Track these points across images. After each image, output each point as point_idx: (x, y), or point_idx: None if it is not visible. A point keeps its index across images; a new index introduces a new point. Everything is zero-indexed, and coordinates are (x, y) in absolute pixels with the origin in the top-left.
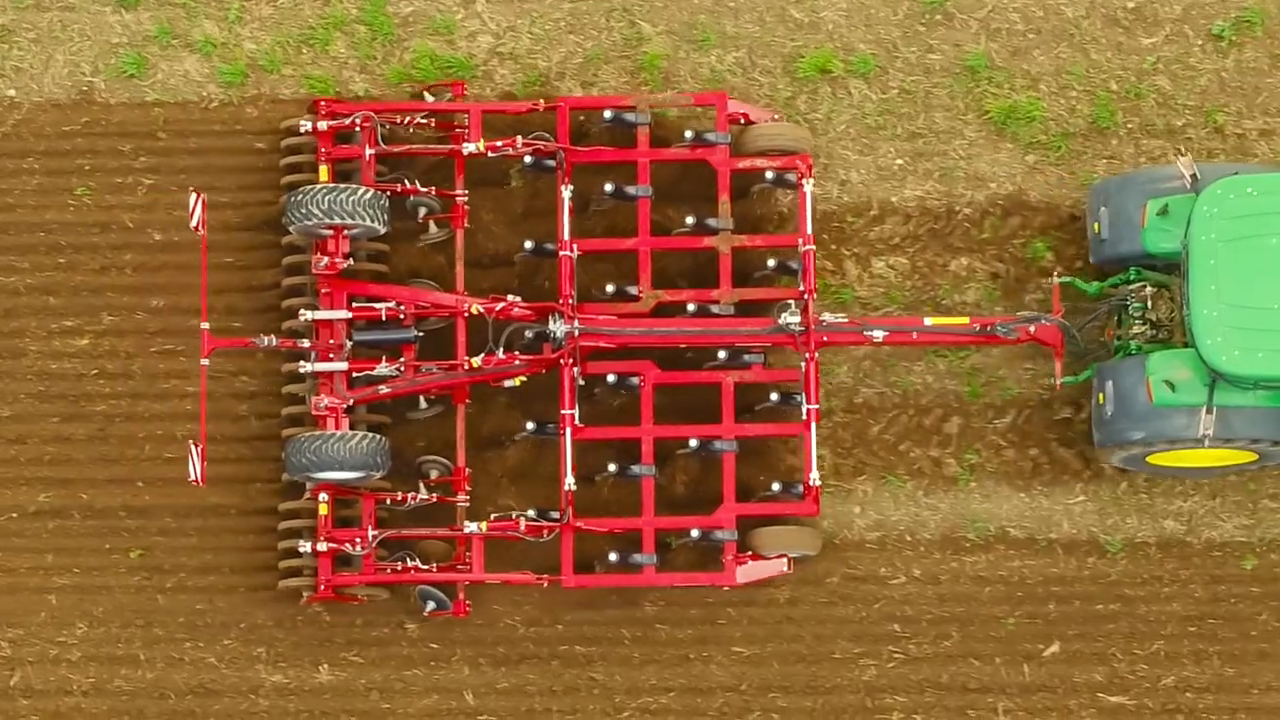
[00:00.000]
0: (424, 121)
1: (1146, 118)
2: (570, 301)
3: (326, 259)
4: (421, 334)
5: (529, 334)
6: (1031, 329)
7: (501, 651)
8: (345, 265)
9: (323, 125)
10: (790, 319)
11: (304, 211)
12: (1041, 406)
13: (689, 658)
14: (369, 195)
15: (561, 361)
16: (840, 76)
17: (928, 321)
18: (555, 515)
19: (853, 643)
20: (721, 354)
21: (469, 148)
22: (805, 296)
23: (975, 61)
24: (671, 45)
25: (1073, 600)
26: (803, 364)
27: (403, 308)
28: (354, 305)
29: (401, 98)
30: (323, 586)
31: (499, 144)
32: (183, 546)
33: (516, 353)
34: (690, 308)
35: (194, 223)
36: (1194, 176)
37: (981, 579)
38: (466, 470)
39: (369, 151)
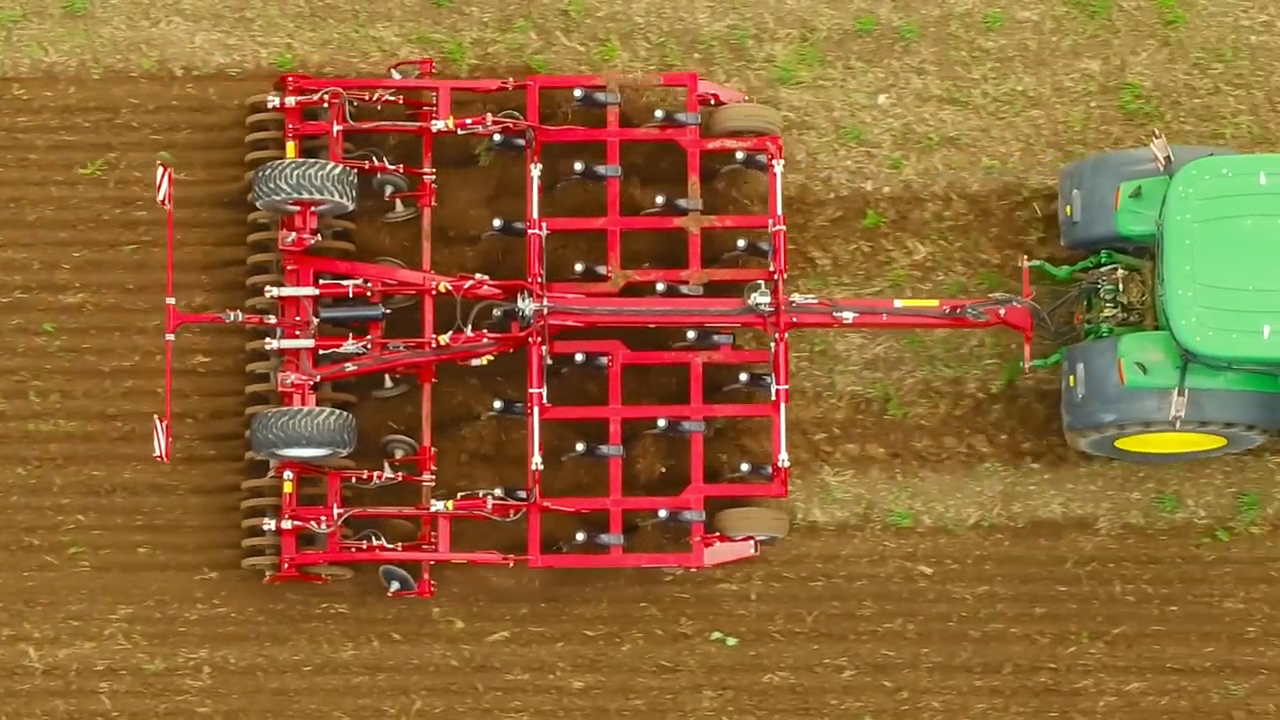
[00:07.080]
0: (393, 99)
1: None
2: (539, 280)
3: (293, 235)
4: (388, 311)
5: (497, 312)
6: (1002, 312)
7: None
8: (312, 242)
9: (290, 101)
10: (760, 299)
11: (272, 186)
12: None
13: None
14: (337, 170)
15: (529, 340)
16: None
17: (898, 304)
18: (522, 495)
19: None
20: (690, 334)
21: (437, 125)
22: (775, 277)
23: None
24: None
25: None
26: (772, 345)
27: (370, 285)
28: (320, 282)
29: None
30: (286, 565)
31: (468, 122)
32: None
33: (484, 331)
34: (659, 288)
35: (160, 197)
36: (1168, 158)
37: None
38: (432, 449)
39: (337, 128)
